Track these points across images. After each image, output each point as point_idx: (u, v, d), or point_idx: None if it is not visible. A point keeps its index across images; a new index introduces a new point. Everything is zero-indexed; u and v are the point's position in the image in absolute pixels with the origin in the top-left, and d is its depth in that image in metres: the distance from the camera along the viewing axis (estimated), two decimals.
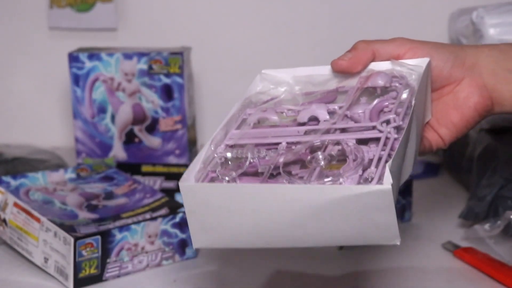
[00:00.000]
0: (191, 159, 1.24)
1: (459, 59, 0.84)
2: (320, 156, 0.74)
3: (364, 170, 0.71)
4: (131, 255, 1.02)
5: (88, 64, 1.22)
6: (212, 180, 0.75)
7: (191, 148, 1.24)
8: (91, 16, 1.52)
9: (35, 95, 1.59)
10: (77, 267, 0.97)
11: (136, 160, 1.24)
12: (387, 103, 0.80)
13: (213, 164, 0.76)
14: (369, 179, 0.70)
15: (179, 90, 1.21)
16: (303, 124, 0.81)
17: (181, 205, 1.07)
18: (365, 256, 1.06)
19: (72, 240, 0.96)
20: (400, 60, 0.85)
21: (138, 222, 1.02)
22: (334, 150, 0.75)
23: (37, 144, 1.49)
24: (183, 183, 0.71)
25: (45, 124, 1.59)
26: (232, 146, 0.79)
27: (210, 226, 0.71)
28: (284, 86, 0.87)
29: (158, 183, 1.24)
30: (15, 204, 1.05)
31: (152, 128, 1.23)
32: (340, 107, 0.81)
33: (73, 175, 1.17)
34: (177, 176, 1.24)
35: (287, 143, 0.78)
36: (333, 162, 0.74)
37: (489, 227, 1.05)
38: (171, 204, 1.08)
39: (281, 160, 0.75)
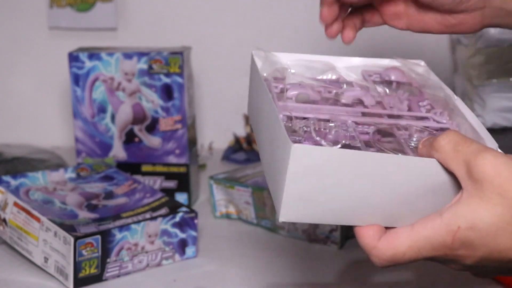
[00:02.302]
0: (191, 158, 1.24)
1: None
2: (415, 138, 0.72)
3: None
4: (131, 254, 1.02)
5: (88, 64, 1.22)
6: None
7: (191, 147, 1.24)
8: (91, 16, 1.52)
9: (35, 95, 1.59)
10: (77, 267, 0.97)
11: (136, 159, 1.24)
12: (424, 97, 0.79)
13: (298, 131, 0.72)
14: None
15: (179, 90, 1.21)
16: (348, 105, 0.78)
17: (181, 205, 1.07)
18: (365, 256, 1.06)
19: (72, 239, 0.96)
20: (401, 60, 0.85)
21: (138, 222, 1.02)
22: (406, 134, 0.74)
23: (37, 143, 1.49)
24: (297, 144, 0.65)
25: (45, 124, 1.59)
26: (290, 118, 0.75)
27: (311, 196, 0.66)
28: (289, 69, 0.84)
29: (158, 182, 1.24)
30: (15, 204, 1.05)
31: (152, 128, 1.23)
32: (378, 94, 0.80)
33: (73, 175, 1.17)
34: (177, 176, 1.24)
35: (354, 122, 0.75)
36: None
37: None
38: (171, 204, 1.08)
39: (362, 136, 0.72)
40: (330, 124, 0.73)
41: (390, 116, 0.76)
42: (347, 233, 1.10)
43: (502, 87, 1.25)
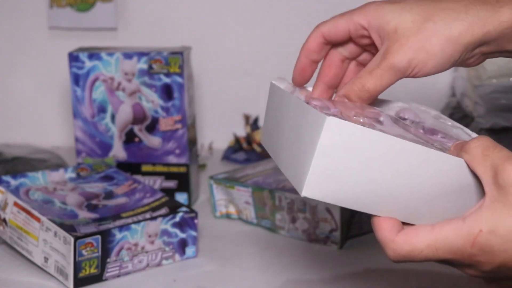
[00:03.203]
0: (191, 158, 1.24)
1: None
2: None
3: None
4: (131, 254, 1.02)
5: (88, 64, 1.22)
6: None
7: (191, 147, 1.24)
8: (91, 15, 1.52)
9: (35, 95, 1.59)
10: (77, 267, 0.97)
11: (136, 159, 1.24)
12: (437, 132, 0.79)
13: None
14: None
15: (179, 89, 1.21)
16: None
17: (181, 205, 1.07)
18: (365, 256, 1.06)
19: (72, 239, 0.96)
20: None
21: (138, 222, 1.02)
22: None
23: (37, 143, 1.49)
24: (331, 117, 0.64)
25: (45, 124, 1.59)
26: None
27: (337, 174, 0.65)
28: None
29: (158, 182, 1.24)
30: (15, 204, 1.05)
31: (152, 128, 1.23)
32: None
33: (73, 175, 1.17)
34: (177, 176, 1.24)
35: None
36: None
37: None
38: (171, 204, 1.08)
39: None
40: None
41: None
42: (347, 233, 1.10)
43: (502, 87, 1.25)
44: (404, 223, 0.69)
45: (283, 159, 0.74)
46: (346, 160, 0.65)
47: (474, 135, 0.78)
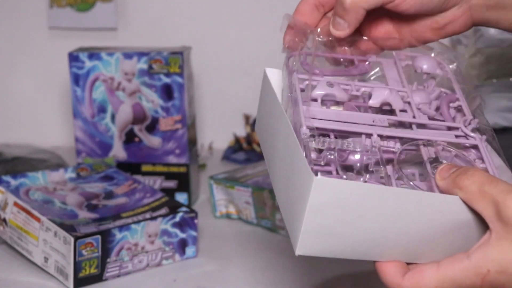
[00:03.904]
0: (191, 158, 1.24)
1: None
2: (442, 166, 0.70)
3: None
4: (131, 254, 1.02)
5: (88, 64, 1.22)
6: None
7: (191, 147, 1.24)
8: (91, 15, 1.52)
9: (35, 95, 1.59)
10: (77, 267, 0.97)
11: (136, 159, 1.24)
12: (456, 97, 0.76)
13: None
14: None
15: (179, 89, 1.21)
16: (378, 109, 0.75)
17: (181, 205, 1.07)
18: None
19: (72, 239, 0.96)
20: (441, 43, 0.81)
21: (138, 222, 1.02)
22: (432, 153, 0.71)
23: (37, 143, 1.49)
24: (319, 177, 0.62)
25: (45, 124, 1.59)
26: (312, 129, 0.71)
27: (330, 230, 0.64)
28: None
29: (158, 182, 1.24)
30: (15, 204, 1.04)
31: (152, 128, 1.23)
32: (400, 91, 0.76)
33: (73, 175, 1.17)
34: (177, 176, 1.24)
35: (379, 136, 0.72)
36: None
37: None
38: (171, 204, 1.08)
39: (385, 156, 0.70)
40: (351, 146, 0.71)
41: (418, 126, 0.74)
42: None
43: (502, 87, 1.25)
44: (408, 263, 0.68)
45: (277, 181, 0.73)
46: (338, 215, 0.64)
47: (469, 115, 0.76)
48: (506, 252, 0.63)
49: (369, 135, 0.72)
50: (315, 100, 0.75)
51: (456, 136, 0.74)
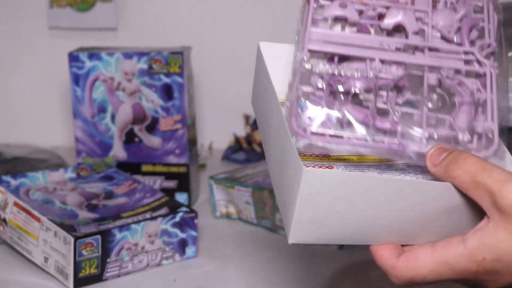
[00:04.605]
0: (191, 158, 1.24)
1: None
2: (433, 98, 0.69)
3: (475, 111, 0.68)
4: (131, 254, 1.02)
5: (88, 64, 1.22)
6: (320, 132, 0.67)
7: (191, 147, 1.24)
8: (91, 15, 1.52)
9: (35, 95, 1.59)
10: (77, 267, 0.97)
11: (136, 159, 1.24)
12: (478, 21, 0.73)
13: (304, 79, 0.68)
14: (486, 135, 0.68)
15: (179, 89, 1.21)
16: (388, 32, 0.73)
17: (181, 205, 1.07)
18: (365, 256, 1.06)
19: (72, 239, 0.96)
20: None
21: (138, 222, 1.02)
22: (433, 80, 0.70)
23: (37, 143, 1.49)
24: (308, 168, 0.63)
25: (45, 124, 1.59)
26: (314, 52, 0.71)
27: (321, 218, 0.65)
28: None
29: (158, 182, 1.24)
30: (15, 204, 1.04)
31: (152, 128, 1.23)
32: (425, 12, 0.73)
33: (73, 175, 1.17)
34: (177, 176, 1.24)
35: (381, 60, 0.70)
36: (440, 104, 0.69)
37: None
38: (171, 204, 1.08)
39: (381, 82, 0.68)
40: (348, 72, 0.69)
41: (430, 49, 0.71)
42: None
43: (502, 87, 1.24)
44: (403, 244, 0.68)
45: (271, 165, 0.73)
46: (329, 204, 0.64)
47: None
48: (503, 241, 0.63)
49: (372, 59, 0.71)
50: (325, 20, 0.73)
51: (466, 62, 0.72)
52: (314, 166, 0.72)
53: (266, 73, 0.75)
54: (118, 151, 1.24)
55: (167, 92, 1.21)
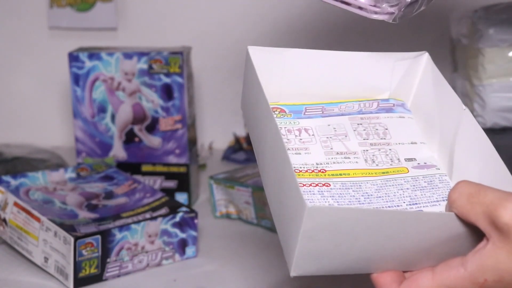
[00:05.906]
0: (191, 158, 1.24)
1: None
2: None
3: None
4: (131, 254, 1.02)
5: (88, 64, 1.22)
6: None
7: (191, 147, 1.24)
8: (91, 15, 1.52)
9: (35, 95, 1.59)
10: (77, 267, 0.97)
11: (136, 159, 1.24)
12: None
13: None
14: None
15: (179, 89, 1.21)
16: None
17: (181, 205, 1.07)
18: None
19: (72, 239, 0.96)
20: None
21: (138, 222, 1.02)
22: None
23: (37, 143, 1.49)
24: (312, 206, 0.62)
25: (45, 124, 1.59)
26: None
27: (323, 252, 0.66)
28: None
29: (158, 182, 1.24)
30: (15, 204, 1.05)
31: (152, 128, 1.23)
32: None
33: (73, 175, 1.17)
34: (177, 176, 1.24)
35: None
36: None
37: None
38: (171, 204, 1.08)
39: None
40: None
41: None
42: None
43: (502, 87, 1.25)
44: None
45: (268, 184, 0.72)
46: (331, 238, 0.65)
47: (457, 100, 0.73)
48: (503, 262, 0.63)
49: None
50: None
51: None
52: (310, 184, 0.72)
53: (256, 79, 0.75)
54: (118, 151, 1.24)
55: (167, 92, 1.21)
